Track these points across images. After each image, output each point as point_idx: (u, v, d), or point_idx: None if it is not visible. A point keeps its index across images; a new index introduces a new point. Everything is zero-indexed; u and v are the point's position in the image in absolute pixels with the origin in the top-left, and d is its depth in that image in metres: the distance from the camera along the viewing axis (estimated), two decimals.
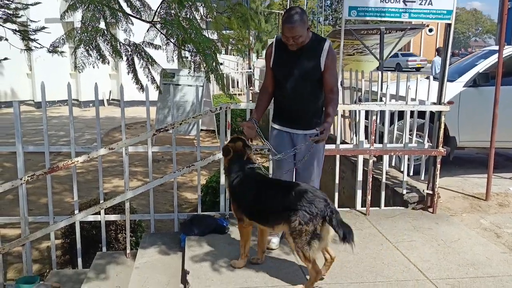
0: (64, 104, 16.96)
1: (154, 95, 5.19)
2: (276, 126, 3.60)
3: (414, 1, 4.09)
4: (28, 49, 7.32)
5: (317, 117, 3.45)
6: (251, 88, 19.53)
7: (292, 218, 2.89)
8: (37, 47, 6.80)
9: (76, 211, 4.13)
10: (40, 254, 5.19)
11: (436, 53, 13.47)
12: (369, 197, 4.31)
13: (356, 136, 6.25)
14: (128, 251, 4.09)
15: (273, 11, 32.26)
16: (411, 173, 5.29)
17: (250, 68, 20.30)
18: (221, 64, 21.17)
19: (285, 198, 2.97)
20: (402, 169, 4.84)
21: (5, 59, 10.16)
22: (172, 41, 4.61)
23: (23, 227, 4.01)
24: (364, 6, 4.05)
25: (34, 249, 5.21)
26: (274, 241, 3.58)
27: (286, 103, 3.51)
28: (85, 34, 3.95)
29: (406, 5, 4.09)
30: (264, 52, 27.76)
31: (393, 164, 5.57)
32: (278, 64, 3.47)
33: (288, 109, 3.53)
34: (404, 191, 4.63)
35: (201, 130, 11.61)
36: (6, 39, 7.54)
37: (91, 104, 16.78)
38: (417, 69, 30.28)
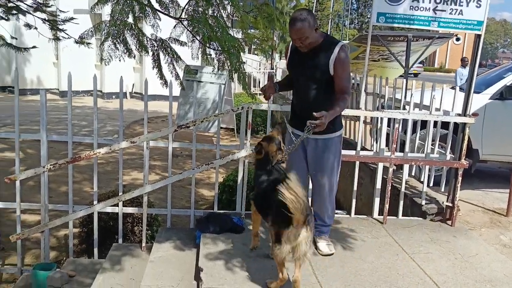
0: (88, 94, 17.22)
1: (176, 90, 5.24)
2: (290, 129, 3.59)
3: (445, 10, 4.02)
4: (56, 38, 7.43)
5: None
6: None
7: (269, 216, 2.96)
8: (65, 37, 6.90)
9: (95, 202, 4.18)
10: (57, 241, 5.28)
11: (461, 63, 13.25)
12: (387, 206, 4.27)
13: (376, 143, 6.20)
14: (143, 244, 4.13)
15: None
16: (431, 184, 5.22)
17: (272, 69, 20.28)
18: (244, 63, 21.21)
19: (272, 196, 2.91)
20: (422, 179, 4.78)
21: (34, 47, 10.34)
22: (198, 38, 4.64)
23: (43, 214, 4.08)
24: (392, 13, 4.01)
25: (52, 236, 5.30)
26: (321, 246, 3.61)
27: (297, 105, 3.54)
28: (113, 27, 4.00)
29: (435, 13, 4.03)
30: None
31: (412, 174, 5.50)
32: (291, 65, 3.50)
33: (299, 111, 3.53)
34: (423, 202, 4.57)
35: (221, 128, 11.63)
36: (36, 28, 7.68)
37: (114, 96, 17.00)
38: (415, 75, 29.53)
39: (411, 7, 3.99)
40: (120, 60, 4.35)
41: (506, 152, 6.08)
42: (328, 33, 3.26)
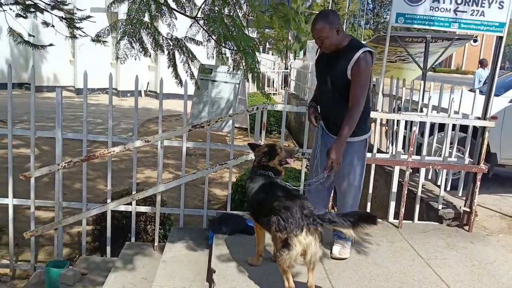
0: (103, 92, 17.35)
1: (190, 89, 5.22)
2: (321, 123, 3.53)
3: (465, 11, 3.93)
4: (73, 36, 7.48)
5: None
6: (287, 88, 19.46)
7: (271, 223, 2.83)
8: (82, 35, 6.94)
9: (109, 200, 4.18)
10: (70, 238, 5.30)
11: (479, 65, 13.05)
12: (402, 210, 4.19)
13: (392, 145, 6.11)
14: (156, 243, 4.12)
15: (313, 12, 32.02)
16: (448, 188, 5.12)
17: (286, 68, 20.21)
18: (259, 63, 21.16)
19: (273, 202, 2.89)
20: (438, 183, 4.69)
21: (51, 45, 10.42)
22: (214, 37, 4.62)
23: (57, 211, 4.09)
24: (412, 14, 3.93)
25: (65, 233, 5.33)
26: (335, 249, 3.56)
27: (321, 106, 3.48)
28: (130, 26, 4.00)
29: (456, 14, 3.94)
30: (301, 53, 27.45)
31: (429, 177, 5.41)
32: (317, 65, 3.46)
33: (323, 112, 3.49)
34: (440, 206, 4.48)
35: (234, 127, 11.63)
36: (53, 26, 7.73)
37: (129, 94, 17.11)
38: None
39: (431, 8, 3.91)
40: (135, 59, 4.35)
41: None
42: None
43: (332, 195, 3.88)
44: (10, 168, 4.11)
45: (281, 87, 20.03)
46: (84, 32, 6.83)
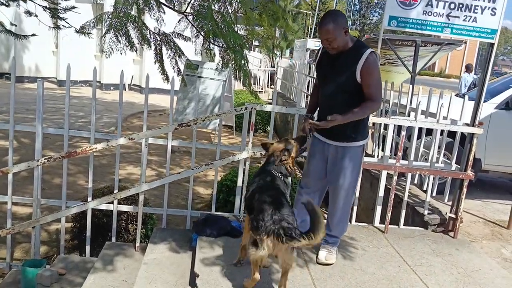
0: (86, 84, 17.05)
1: (175, 85, 5.12)
2: (314, 133, 3.47)
3: (458, 17, 3.90)
4: (56, 27, 7.30)
5: (352, 130, 3.26)
6: (275, 88, 19.40)
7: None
8: (65, 26, 6.77)
9: (90, 199, 4.06)
10: (48, 236, 5.14)
11: (465, 70, 13.16)
12: (389, 215, 4.16)
13: (378, 148, 6.09)
14: (137, 244, 4.00)
15: (301, 10, 31.99)
16: (434, 193, 5.11)
17: (273, 67, 20.15)
18: (248, 61, 21.03)
19: (258, 202, 2.89)
20: (424, 188, 4.68)
21: (33, 35, 10.15)
22: (202, 34, 4.51)
23: (35, 209, 3.95)
24: (405, 17, 3.88)
25: (43, 230, 5.16)
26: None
27: (321, 110, 3.40)
28: (116, 19, 3.87)
29: (449, 19, 3.91)
30: (288, 51, 27.38)
31: (414, 182, 5.40)
32: (319, 68, 3.38)
33: (322, 116, 3.41)
34: (426, 212, 4.46)
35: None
36: (36, 15, 7.53)
37: (112, 87, 16.84)
38: None
39: (424, 12, 3.87)
40: (121, 53, 4.22)
41: (509, 162, 5.99)
42: None
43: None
44: None
45: (267, 85, 19.96)
46: (68, 23, 6.65)
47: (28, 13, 6.68)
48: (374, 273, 3.42)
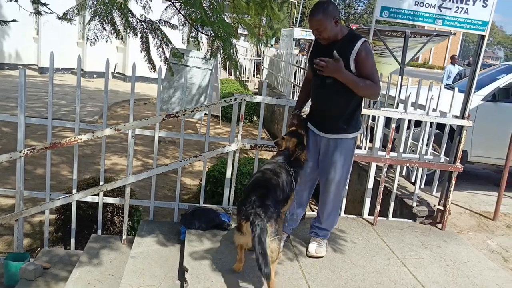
0: (68, 72, 16.73)
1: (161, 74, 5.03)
2: (308, 124, 3.43)
3: (450, 8, 3.87)
4: (37, 13, 7.08)
5: (344, 122, 3.23)
6: (259, 76, 19.28)
7: None
8: (47, 12, 6.57)
9: (74, 191, 3.95)
10: (31, 228, 5.02)
11: (450, 61, 13.24)
12: (378, 207, 4.15)
13: (366, 139, 6.08)
14: (124, 237, 3.92)
15: (286, 0, 31.80)
16: (422, 185, 5.13)
17: (259, 56, 20.01)
18: (237, 51, 20.81)
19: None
20: (412, 180, 4.68)
21: (13, 20, 9.84)
22: (190, 22, 4.41)
23: (17, 201, 3.83)
24: (397, 8, 3.84)
25: (26, 222, 5.05)
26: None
27: (313, 101, 3.36)
28: (101, 6, 3.74)
29: (441, 11, 3.88)
30: (273, 40, 27.21)
31: (403, 174, 5.41)
32: (311, 59, 3.30)
33: (314, 108, 3.37)
34: (414, 204, 4.47)
35: (205, 114, 11.39)
36: (16, 0, 7.28)
37: (95, 75, 16.55)
38: None
39: (416, 3, 3.83)
40: (106, 41, 4.10)
41: (495, 154, 6.04)
42: None
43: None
44: None
45: (253, 75, 19.83)
46: (49, 9, 6.45)
47: None
48: (364, 266, 3.41)
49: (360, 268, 3.37)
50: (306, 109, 3.55)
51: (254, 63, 19.89)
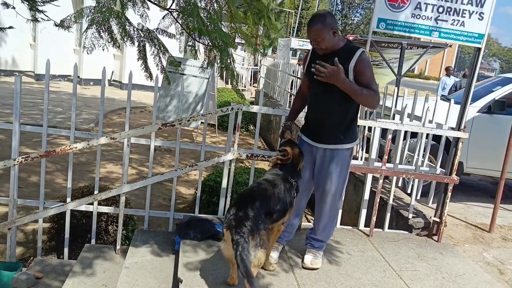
0: (65, 79, 16.70)
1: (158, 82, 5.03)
2: (300, 135, 3.42)
3: (446, 21, 3.89)
4: (35, 20, 7.07)
5: (342, 132, 3.23)
6: (255, 85, 19.30)
7: None
8: (44, 19, 6.56)
9: (68, 199, 3.92)
10: (25, 236, 4.96)
11: (446, 73, 13.31)
12: (374, 218, 4.13)
13: (362, 150, 6.07)
14: (118, 247, 3.89)
15: (283, 9, 31.95)
16: (419, 196, 5.12)
17: (256, 65, 20.05)
18: (234, 60, 20.84)
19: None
20: (408, 191, 4.67)
21: (10, 27, 9.81)
22: (187, 31, 4.41)
23: (11, 210, 3.79)
24: (394, 20, 3.85)
25: (19, 230, 4.99)
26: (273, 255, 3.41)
27: (311, 113, 3.35)
28: (99, 14, 3.74)
29: (437, 23, 3.89)
30: (270, 50, 27.36)
31: (399, 185, 5.40)
32: (309, 70, 3.29)
33: (311, 118, 3.36)
34: (410, 215, 4.46)
35: (201, 123, 11.37)
36: (13, 7, 7.27)
37: (91, 83, 16.52)
38: None
39: (413, 15, 3.85)
40: (103, 50, 4.09)
41: (490, 166, 6.05)
42: None
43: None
44: None
45: (250, 84, 19.86)
46: (47, 16, 6.45)
47: (5, 4, 6.45)
48: (360, 278, 3.39)
49: (355, 280, 3.35)
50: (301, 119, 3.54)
51: (251, 72, 19.93)
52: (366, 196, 4.31)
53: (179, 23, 4.33)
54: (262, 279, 3.18)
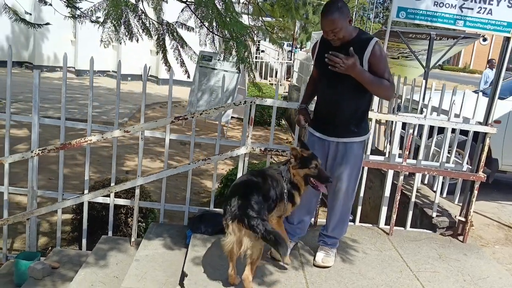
0: (104, 74, 17.14)
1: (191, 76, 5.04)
2: (310, 129, 3.33)
3: (472, 8, 3.66)
4: (72, 16, 7.25)
5: (354, 124, 3.11)
6: (289, 80, 19.15)
7: None
8: (81, 16, 6.72)
9: (86, 191, 3.98)
10: (50, 227, 5.10)
11: (488, 65, 12.72)
12: (394, 216, 3.97)
13: (390, 145, 5.87)
14: (133, 239, 3.91)
15: (322, 2, 31.45)
16: (445, 194, 4.89)
17: (290, 59, 19.89)
18: (263, 51, 20.77)
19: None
20: (435, 189, 4.47)
21: (47, 24, 10.11)
22: (206, 24, 4.37)
23: (29, 200, 3.89)
24: (414, 8, 3.66)
25: (45, 221, 5.15)
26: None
27: (322, 105, 3.23)
28: (113, 8, 3.75)
29: (462, 11, 3.67)
30: (308, 44, 27.24)
31: (425, 182, 5.18)
32: (320, 62, 3.17)
33: (323, 111, 3.24)
34: (434, 214, 4.26)
35: (232, 117, 11.37)
36: (50, 4, 7.49)
37: (129, 78, 16.86)
38: None
39: (435, 3, 3.64)
40: (121, 43, 4.13)
41: None
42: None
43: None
44: None
45: (285, 78, 19.73)
46: (83, 13, 6.60)
47: (44, 2, 6.64)
48: (374, 278, 3.26)
49: (368, 280, 3.22)
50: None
51: (286, 66, 19.78)
52: (387, 193, 4.15)
53: (195, 15, 4.30)
54: (269, 275, 3.11)
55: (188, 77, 4.82)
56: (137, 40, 4.37)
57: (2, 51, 16.04)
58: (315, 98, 3.38)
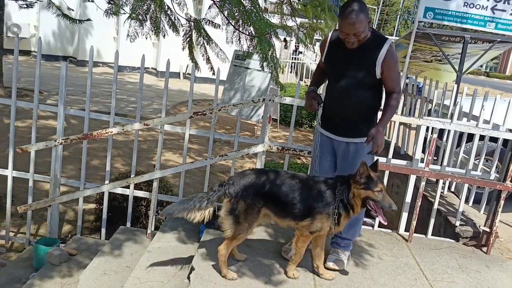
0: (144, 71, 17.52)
1: (223, 75, 5.09)
2: (319, 128, 3.28)
3: (505, 10, 3.50)
4: (113, 13, 7.46)
5: (364, 123, 3.05)
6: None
7: None
8: (120, 12, 6.90)
9: (106, 182, 4.07)
10: (75, 216, 5.25)
11: None
12: (414, 223, 3.85)
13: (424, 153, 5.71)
14: (149, 231, 3.98)
15: None
16: (471, 203, 4.71)
17: None
18: (300, 52, 20.66)
19: None
20: (461, 197, 4.30)
21: (88, 20, 10.44)
22: (232, 22, 4.39)
23: (52, 188, 4.01)
24: (443, 9, 3.54)
25: (71, 209, 5.30)
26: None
27: (329, 104, 3.16)
28: (139, 3, 3.82)
29: (494, 13, 3.52)
30: None
31: (452, 189, 5.00)
32: (330, 60, 3.11)
33: (332, 112, 3.17)
34: (458, 223, 4.10)
35: (262, 116, 11.36)
36: (92, 1, 7.77)
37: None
38: None
39: (466, 4, 3.51)
40: (146, 38, 4.20)
41: None
42: (396, 30, 2.85)
43: None
44: (12, 140, 4.06)
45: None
46: (123, 10, 6.76)
47: None
48: (385, 284, 3.17)
49: (380, 286, 3.13)
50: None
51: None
52: (408, 198, 4.03)
53: (221, 11, 4.32)
54: (278, 274, 3.08)
55: (213, 74, 4.83)
56: (164, 36, 4.43)
57: (48, 46, 16.68)
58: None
